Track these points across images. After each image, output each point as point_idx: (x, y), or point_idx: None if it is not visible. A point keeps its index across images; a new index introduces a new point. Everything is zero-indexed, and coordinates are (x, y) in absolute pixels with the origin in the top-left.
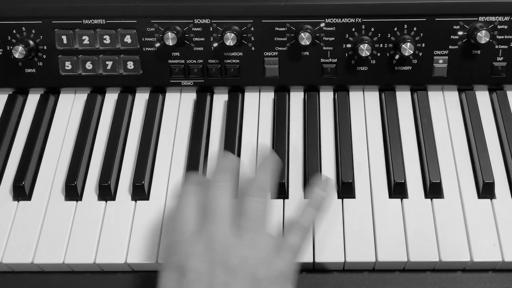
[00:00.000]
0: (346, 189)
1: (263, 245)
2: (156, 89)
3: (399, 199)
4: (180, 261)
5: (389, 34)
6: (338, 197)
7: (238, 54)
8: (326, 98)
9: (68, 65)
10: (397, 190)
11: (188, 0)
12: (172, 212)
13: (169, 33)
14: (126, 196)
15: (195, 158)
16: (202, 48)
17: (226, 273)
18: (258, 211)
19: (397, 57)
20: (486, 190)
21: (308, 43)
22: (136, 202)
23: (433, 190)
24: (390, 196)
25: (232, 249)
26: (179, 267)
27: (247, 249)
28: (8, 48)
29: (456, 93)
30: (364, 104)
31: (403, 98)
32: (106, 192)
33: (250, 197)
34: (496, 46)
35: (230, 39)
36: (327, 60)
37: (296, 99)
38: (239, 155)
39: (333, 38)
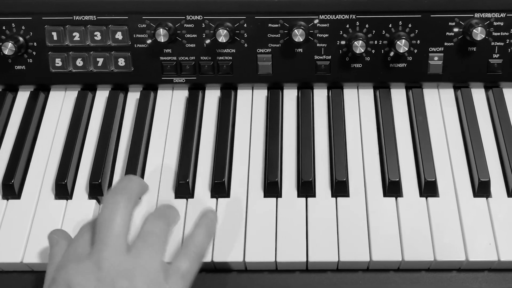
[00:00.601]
0: (340, 188)
1: (153, 268)
2: (147, 86)
3: (394, 198)
4: (68, 277)
5: (383, 31)
6: (332, 196)
7: (230, 51)
8: (320, 96)
9: (58, 62)
10: (392, 188)
11: None
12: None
13: (161, 29)
14: None
15: (187, 157)
16: (194, 45)
17: None
18: (155, 235)
19: (391, 54)
20: (481, 189)
21: (301, 40)
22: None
23: (428, 188)
24: (385, 195)
25: (121, 269)
26: (65, 284)
27: (136, 270)
28: None
29: (451, 91)
30: (359, 102)
31: (398, 96)
32: (97, 191)
33: (151, 221)
34: (492, 43)
35: (222, 35)
36: (321, 57)
37: (290, 96)
38: (231, 154)
39: (327, 35)
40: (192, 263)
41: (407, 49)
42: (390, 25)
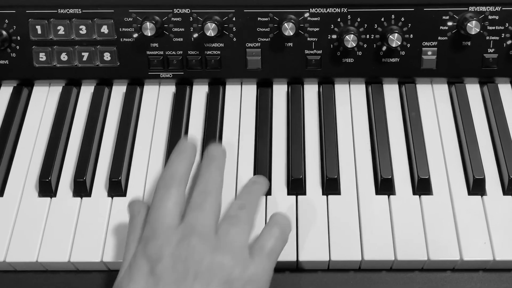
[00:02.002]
0: (331, 185)
1: (240, 247)
2: (133, 82)
3: (386, 196)
4: (155, 250)
5: (376, 25)
6: (323, 194)
7: (219, 45)
8: (311, 91)
9: (42, 57)
10: (384, 186)
11: None
12: (153, 202)
13: (148, 23)
14: (103, 192)
15: None
16: (181, 39)
17: (198, 270)
18: (244, 212)
19: (384, 48)
20: (476, 187)
21: (291, 34)
22: (112, 198)
23: (422, 186)
24: (377, 193)
25: (208, 246)
26: (152, 256)
27: (223, 249)
28: None
29: (445, 86)
30: (350, 97)
31: (391, 91)
32: (82, 188)
33: (241, 198)
34: (487, 37)
35: (210, 29)
36: (311, 52)
37: (279, 92)
38: None
39: (317, 29)
40: (277, 242)
41: (399, 43)
42: (383, 19)
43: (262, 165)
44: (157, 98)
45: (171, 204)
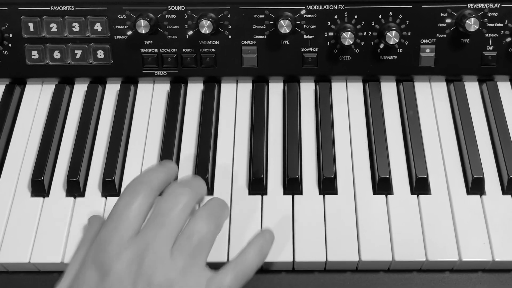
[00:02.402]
0: (328, 185)
1: (195, 276)
2: (127, 80)
3: (384, 196)
4: (106, 261)
5: (373, 22)
6: (320, 193)
7: (214, 42)
8: (307, 90)
9: (35, 54)
10: (382, 186)
11: None
12: (117, 205)
13: (142, 20)
14: (96, 192)
15: (168, 153)
16: (176, 37)
17: None
18: (202, 236)
19: (381, 46)
20: (475, 186)
21: (288, 31)
22: (106, 198)
23: (420, 186)
24: (374, 192)
25: (162, 267)
26: (102, 266)
27: (176, 273)
28: None
29: (444, 84)
30: (347, 96)
31: (388, 89)
32: (75, 188)
33: (199, 219)
34: (486, 35)
35: (205, 27)
36: (308, 49)
37: (276, 90)
38: (214, 150)
39: (314, 26)
40: (236, 280)
41: (397, 40)
42: (380, 16)
43: (258, 165)
44: (151, 97)
45: (134, 214)
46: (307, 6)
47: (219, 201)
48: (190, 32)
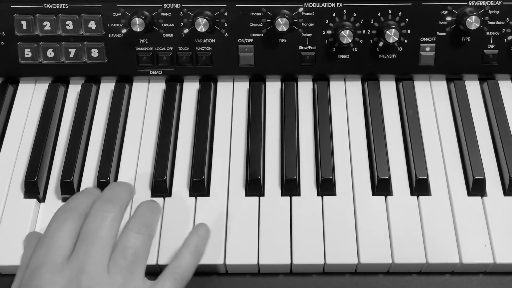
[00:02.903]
0: (326, 186)
1: (133, 287)
2: (122, 79)
3: (383, 197)
4: (41, 287)
5: (372, 20)
6: (318, 195)
7: (210, 41)
8: (305, 88)
9: (28, 53)
10: (381, 187)
11: None
12: (46, 232)
13: (137, 18)
14: None
15: (163, 154)
16: (171, 35)
17: None
18: (136, 249)
19: (381, 44)
20: (476, 187)
21: (285, 29)
22: None
23: (420, 187)
24: (374, 193)
25: (99, 286)
26: None
27: None
28: None
29: (444, 83)
30: (346, 95)
31: (388, 88)
32: (69, 189)
33: (131, 232)
34: (487, 33)
35: (201, 25)
36: (305, 48)
37: (273, 89)
38: (211, 150)
39: (312, 24)
40: (176, 285)
41: (397, 39)
42: (379, 14)
43: (255, 165)
44: (146, 96)
45: (64, 238)
46: (304, 4)
47: (148, 205)
48: (186, 30)
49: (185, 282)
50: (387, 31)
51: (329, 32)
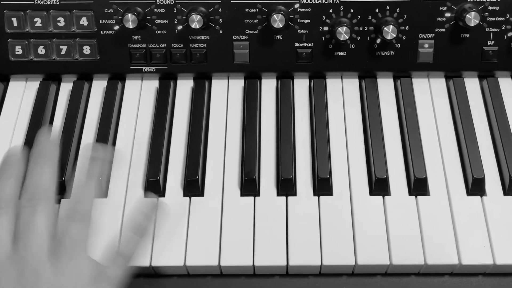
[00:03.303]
0: (322, 186)
1: (79, 273)
2: (115, 76)
3: (381, 197)
4: None
5: (369, 16)
6: (314, 195)
7: (204, 38)
8: (301, 86)
9: (18, 50)
10: (379, 186)
11: None
12: None
13: (129, 14)
14: None
15: (157, 152)
16: (165, 31)
17: None
18: (77, 236)
19: (378, 41)
20: (475, 187)
21: (281, 26)
22: None
23: (418, 186)
24: (371, 193)
25: (45, 277)
26: None
27: (60, 277)
28: None
29: (443, 81)
30: (343, 93)
31: (385, 86)
32: (61, 190)
33: (69, 220)
34: (487, 29)
35: (196, 21)
36: (302, 45)
37: (268, 87)
38: (205, 149)
39: (308, 21)
40: (121, 269)
41: (395, 35)
42: (377, 10)
43: (250, 165)
44: (139, 94)
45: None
46: (301, 0)
47: (85, 189)
48: (180, 27)
49: (130, 264)
50: (385, 28)
51: (325, 28)
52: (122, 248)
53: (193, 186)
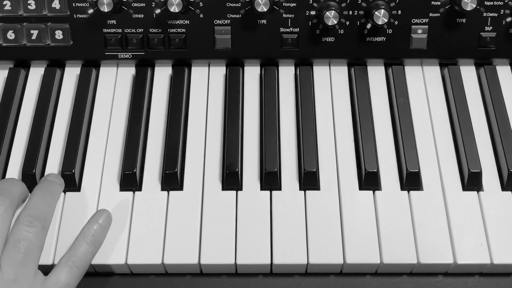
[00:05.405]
0: (309, 180)
1: (26, 281)
2: (88, 63)
3: (371, 191)
4: None
5: (359, 0)
6: (300, 189)
7: (184, 22)
8: (286, 74)
9: None
10: (369, 180)
11: None
12: None
13: None
14: None
15: (133, 143)
16: (142, 15)
17: None
18: (29, 242)
19: (369, 26)
20: (472, 181)
21: (265, 10)
22: (65, 193)
23: (411, 180)
24: (361, 188)
25: None
26: None
27: (8, 284)
28: None
29: (437, 68)
30: (331, 81)
31: (376, 74)
32: (31, 182)
33: (22, 226)
34: (484, 14)
35: (174, 4)
36: (287, 30)
37: (252, 74)
38: (184, 141)
39: (294, 4)
40: (71, 274)
41: (386, 20)
42: None
43: (232, 158)
44: (114, 81)
45: None
46: None
47: (41, 195)
48: (158, 11)
49: (81, 272)
50: (376, 12)
51: (312, 13)
52: (74, 254)
53: (172, 179)
